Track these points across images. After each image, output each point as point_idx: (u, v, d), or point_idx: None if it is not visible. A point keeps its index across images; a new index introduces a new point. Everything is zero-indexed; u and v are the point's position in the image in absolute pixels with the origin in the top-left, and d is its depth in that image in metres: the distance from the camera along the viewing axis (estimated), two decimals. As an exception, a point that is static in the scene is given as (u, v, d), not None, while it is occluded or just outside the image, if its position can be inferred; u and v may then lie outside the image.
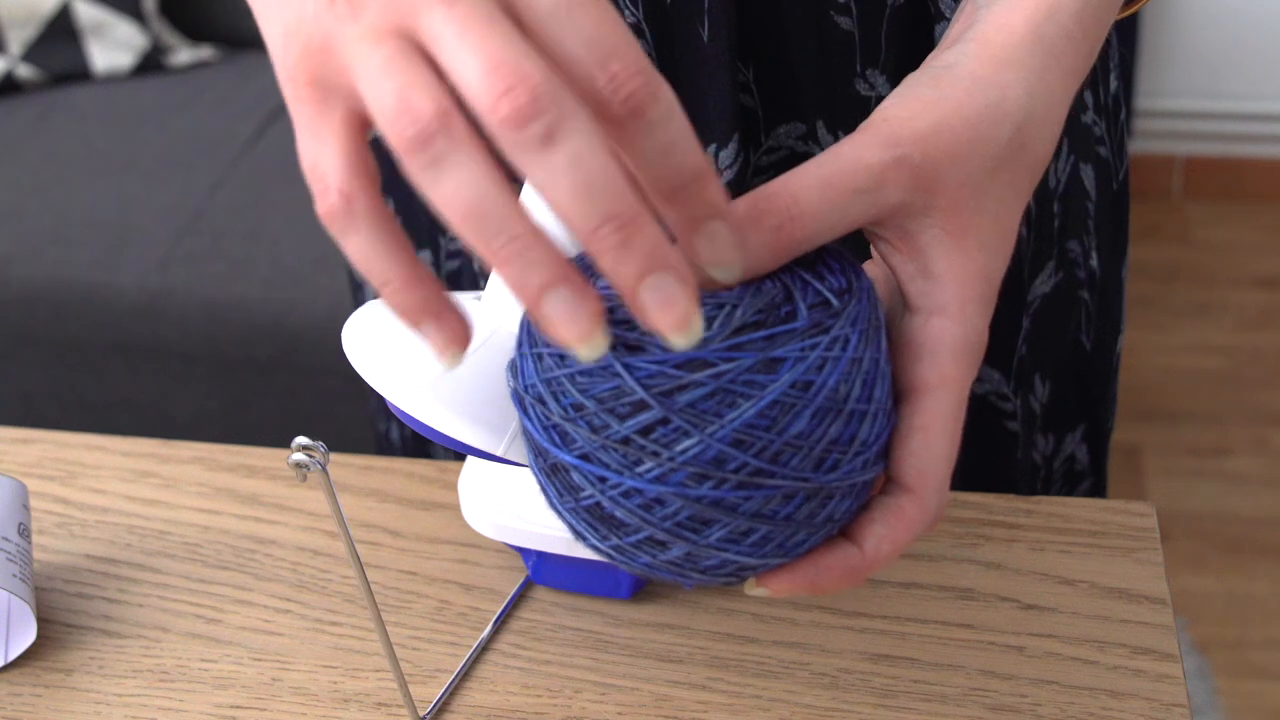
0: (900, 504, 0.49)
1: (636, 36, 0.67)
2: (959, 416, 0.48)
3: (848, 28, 0.68)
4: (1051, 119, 0.51)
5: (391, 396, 0.55)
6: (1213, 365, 2.23)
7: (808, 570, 0.49)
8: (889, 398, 0.48)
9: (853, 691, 0.63)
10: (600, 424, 0.46)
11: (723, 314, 0.46)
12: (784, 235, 0.47)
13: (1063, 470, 0.83)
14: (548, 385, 0.47)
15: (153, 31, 2.06)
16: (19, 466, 0.76)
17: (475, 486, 0.67)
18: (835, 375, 0.46)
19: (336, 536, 0.71)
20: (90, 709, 0.64)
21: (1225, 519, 1.96)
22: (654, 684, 0.64)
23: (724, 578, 0.49)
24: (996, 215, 0.50)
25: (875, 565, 0.49)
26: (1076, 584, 0.67)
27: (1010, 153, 0.50)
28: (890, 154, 0.48)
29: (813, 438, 0.46)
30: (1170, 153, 2.58)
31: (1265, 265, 2.44)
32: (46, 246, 1.74)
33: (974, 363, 0.49)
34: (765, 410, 0.45)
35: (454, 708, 0.63)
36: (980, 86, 0.50)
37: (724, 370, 0.45)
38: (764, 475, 0.46)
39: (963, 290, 0.49)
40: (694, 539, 0.47)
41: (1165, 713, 0.61)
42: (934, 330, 0.49)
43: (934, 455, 0.48)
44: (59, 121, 1.96)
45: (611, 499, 0.47)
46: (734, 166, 0.70)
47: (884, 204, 0.48)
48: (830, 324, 0.46)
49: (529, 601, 0.68)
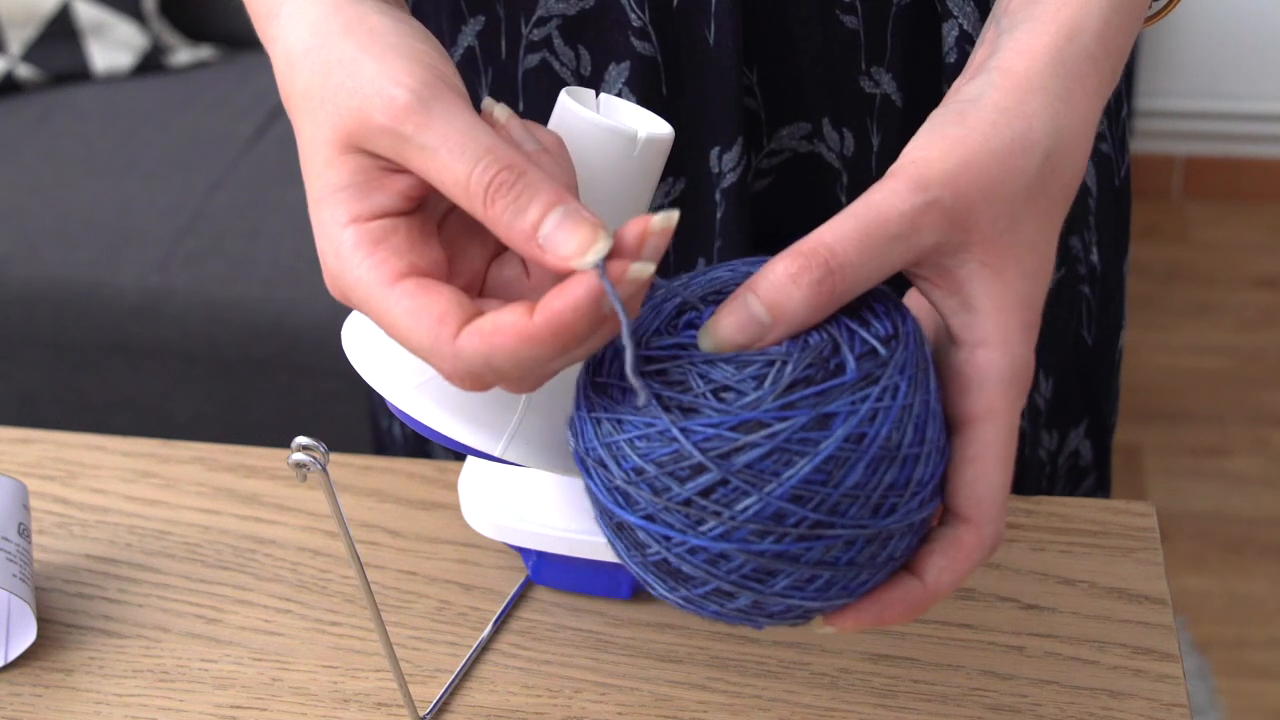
0: (959, 535, 0.49)
1: (642, 40, 0.67)
2: (1010, 444, 0.49)
3: (853, 26, 0.68)
4: (1079, 141, 0.51)
5: (391, 396, 0.55)
6: (1213, 365, 2.23)
7: (872, 607, 0.50)
8: (941, 434, 0.49)
9: (853, 691, 0.63)
10: (661, 487, 0.47)
11: (773, 371, 0.47)
12: (825, 289, 0.48)
13: (1067, 466, 0.83)
14: (608, 449, 0.48)
15: (153, 31, 2.06)
16: (19, 466, 0.76)
17: (475, 486, 0.67)
18: (888, 425, 0.47)
19: (336, 536, 0.71)
20: (90, 709, 0.64)
21: (1225, 519, 1.96)
22: (654, 684, 0.64)
23: (791, 620, 0.50)
24: (1034, 243, 0.50)
25: (937, 596, 0.50)
26: (1076, 584, 0.67)
27: (1041, 181, 0.50)
28: (922, 198, 0.48)
29: (869, 486, 0.47)
30: (1170, 153, 2.58)
31: (1265, 265, 2.43)
32: (46, 246, 1.74)
33: (1021, 391, 0.49)
34: (821, 466, 0.46)
35: (454, 708, 0.63)
36: (1006, 119, 0.50)
37: (778, 430, 0.46)
38: (824, 526, 0.47)
39: (1005, 320, 0.49)
40: (759, 589, 0.48)
41: (1165, 713, 0.61)
42: (980, 362, 0.49)
43: (987, 485, 0.49)
44: (59, 121, 1.96)
45: (678, 555, 0.48)
46: (737, 169, 0.70)
47: (920, 247, 0.49)
48: (879, 374, 0.47)
49: (529, 601, 0.68)
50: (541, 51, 0.70)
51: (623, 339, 0.47)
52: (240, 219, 1.75)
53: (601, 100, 0.57)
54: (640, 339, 0.50)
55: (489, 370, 0.46)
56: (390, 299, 0.47)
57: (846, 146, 0.72)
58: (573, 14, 0.68)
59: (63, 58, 2.04)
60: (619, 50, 0.68)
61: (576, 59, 0.69)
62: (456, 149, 0.47)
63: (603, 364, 0.51)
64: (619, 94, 0.69)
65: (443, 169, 0.47)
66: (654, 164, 0.55)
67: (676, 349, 0.49)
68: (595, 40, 0.69)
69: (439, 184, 0.47)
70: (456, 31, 0.71)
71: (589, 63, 0.69)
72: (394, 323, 0.47)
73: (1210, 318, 2.32)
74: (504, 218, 0.46)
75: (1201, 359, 2.24)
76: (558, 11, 0.68)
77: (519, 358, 0.46)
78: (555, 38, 0.69)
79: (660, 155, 0.55)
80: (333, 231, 0.48)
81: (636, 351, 0.47)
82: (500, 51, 0.71)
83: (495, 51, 0.71)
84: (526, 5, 0.69)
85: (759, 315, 0.48)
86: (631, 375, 0.47)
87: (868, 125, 0.71)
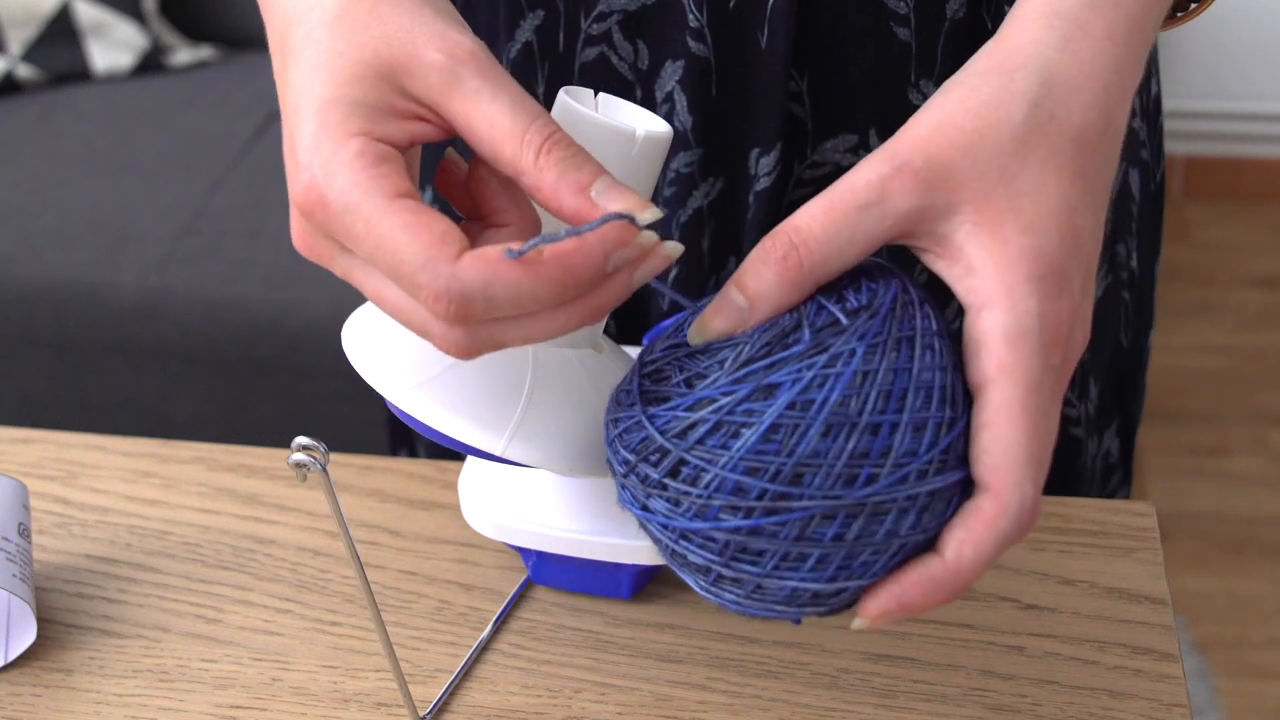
0: (978, 504, 0.48)
1: (698, 41, 0.68)
2: (1029, 403, 0.47)
3: (905, 38, 0.68)
4: (1085, 85, 0.50)
5: (391, 396, 0.55)
6: (1213, 365, 2.23)
7: (891, 589, 0.48)
8: (947, 406, 0.48)
9: (853, 691, 0.63)
10: (643, 474, 0.49)
11: (733, 354, 0.48)
12: (792, 264, 0.48)
13: (1100, 465, 0.83)
14: (611, 448, 0.51)
15: (153, 31, 2.06)
16: (19, 466, 0.76)
17: (475, 486, 0.67)
18: (838, 390, 0.46)
19: (336, 536, 0.71)
20: (90, 709, 0.64)
21: (1225, 519, 1.96)
22: (654, 684, 0.64)
23: (816, 604, 0.49)
24: (1036, 194, 0.49)
25: (961, 571, 0.47)
26: (1076, 584, 0.67)
27: (1033, 130, 0.49)
28: (889, 166, 0.48)
29: (830, 455, 0.46)
30: (1170, 153, 2.58)
31: (1265, 265, 2.43)
32: (46, 246, 1.74)
33: (1036, 345, 0.47)
34: (768, 434, 0.46)
35: (454, 708, 0.63)
36: (984, 78, 0.50)
37: (723, 404, 0.47)
38: (789, 498, 0.47)
39: (1006, 276, 0.48)
40: (753, 571, 0.48)
41: (1165, 713, 0.61)
42: (983, 324, 0.48)
43: (1004, 448, 0.47)
44: (59, 121, 1.96)
45: (678, 543, 0.49)
46: (773, 174, 0.70)
47: (896, 214, 0.48)
48: (831, 342, 0.47)
49: (529, 601, 0.68)
50: (600, 45, 0.70)
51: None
52: (240, 219, 1.75)
53: (600, 99, 0.57)
54: (651, 352, 0.51)
55: (483, 300, 0.45)
56: (388, 210, 0.46)
57: None
58: (634, 9, 0.68)
59: (63, 58, 2.04)
60: (675, 48, 0.68)
61: (635, 53, 0.69)
62: (517, 99, 0.47)
63: (625, 378, 0.52)
64: (670, 92, 0.69)
65: (499, 113, 0.47)
66: (653, 162, 0.55)
67: (671, 349, 0.50)
68: (654, 36, 0.69)
69: (483, 128, 0.47)
70: (515, 26, 0.71)
71: (646, 58, 0.69)
72: (384, 235, 0.45)
73: (1210, 318, 2.32)
74: (559, 168, 0.47)
75: (1201, 359, 2.24)
76: (619, 6, 0.68)
77: (518, 291, 0.45)
78: (615, 32, 0.69)
79: (659, 154, 0.56)
80: (335, 135, 0.47)
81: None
82: (559, 44, 0.71)
83: (553, 45, 0.71)
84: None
85: (738, 301, 0.49)
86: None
87: None
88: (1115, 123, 0.51)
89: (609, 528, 0.64)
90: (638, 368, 0.51)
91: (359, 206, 0.46)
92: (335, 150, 0.47)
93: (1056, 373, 0.48)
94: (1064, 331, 0.48)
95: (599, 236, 0.46)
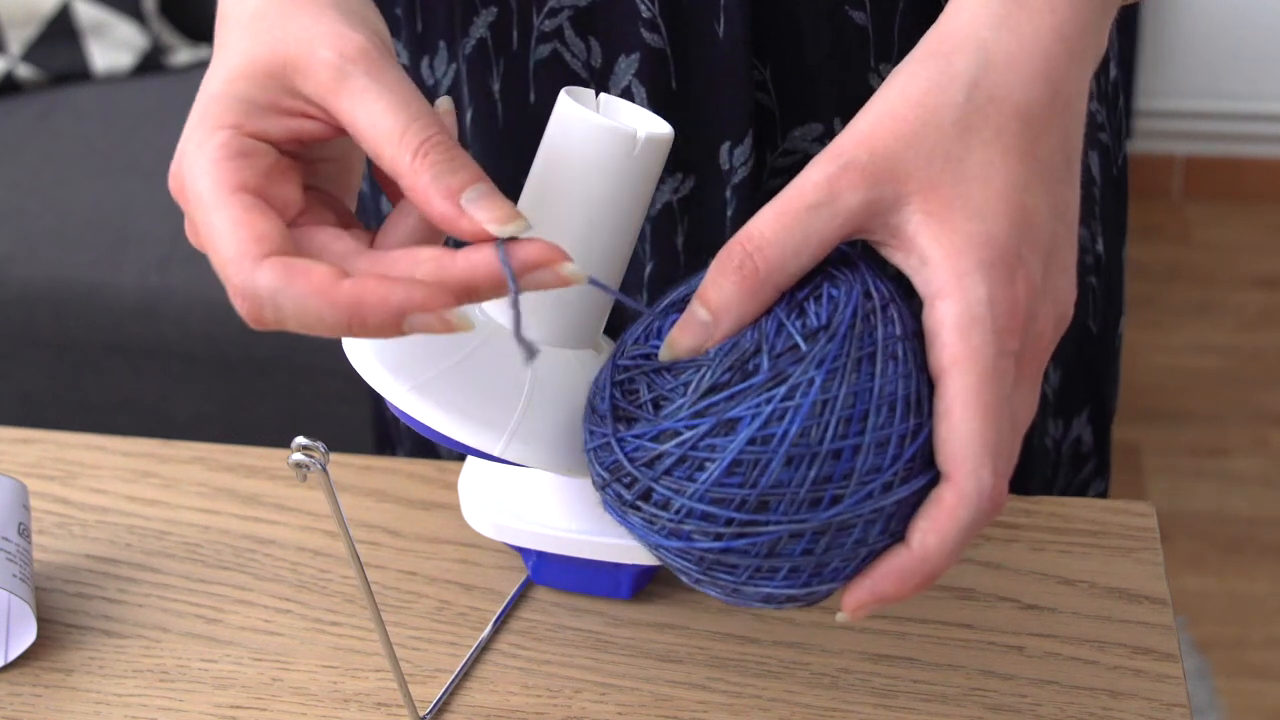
0: (939, 494, 0.48)
1: (652, 32, 0.67)
2: (983, 393, 0.47)
3: (861, 22, 0.68)
4: (1023, 61, 0.50)
5: (390, 396, 0.55)
6: (1213, 365, 2.22)
7: (865, 583, 0.49)
8: (911, 415, 0.48)
9: (853, 691, 0.63)
10: (616, 492, 0.50)
11: (696, 378, 0.48)
12: (749, 272, 0.48)
13: (1070, 453, 0.83)
14: (592, 456, 0.52)
15: (153, 31, 2.06)
16: (19, 466, 0.76)
17: (475, 486, 0.67)
18: (797, 422, 0.47)
19: (336, 536, 0.71)
20: (90, 709, 0.64)
21: (1225, 519, 1.96)
22: (654, 684, 0.64)
23: (791, 603, 0.51)
24: (984, 178, 0.48)
25: (928, 560, 0.48)
26: (1076, 584, 0.67)
27: (973, 111, 0.49)
28: (834, 165, 0.48)
29: (793, 484, 0.47)
30: (1170, 153, 2.58)
31: (1265, 265, 2.43)
32: (46, 246, 1.74)
33: (989, 334, 0.47)
34: (731, 469, 0.47)
35: (454, 708, 0.63)
36: (922, 64, 0.50)
37: (686, 438, 0.48)
38: (755, 525, 0.48)
39: (956, 264, 0.48)
40: (730, 580, 0.49)
41: (1165, 713, 0.61)
42: (936, 315, 0.48)
43: (961, 437, 0.47)
44: (59, 121, 1.96)
45: (657, 550, 0.51)
46: (748, 164, 0.70)
47: (847, 211, 0.48)
48: (790, 372, 0.47)
49: (529, 601, 0.68)
50: (553, 42, 0.70)
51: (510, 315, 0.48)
52: (240, 219, 1.75)
53: (601, 100, 0.57)
54: (623, 349, 0.52)
55: (272, 307, 0.47)
56: (223, 202, 0.48)
57: None
58: (584, 5, 0.68)
59: (63, 58, 2.04)
60: (629, 42, 0.68)
61: (588, 50, 0.69)
62: (401, 99, 0.48)
63: (600, 373, 0.53)
64: (628, 86, 0.69)
65: (381, 112, 0.48)
66: (654, 164, 0.55)
67: (641, 359, 0.51)
68: (606, 32, 0.69)
69: (366, 126, 0.48)
70: (469, 22, 0.71)
71: (599, 54, 0.69)
72: (213, 224, 0.48)
73: (1210, 318, 2.32)
74: (432, 171, 0.47)
75: (1201, 359, 2.24)
76: (569, 2, 0.68)
77: (304, 307, 0.47)
78: (567, 28, 0.69)
79: (660, 155, 0.55)
80: (207, 126, 0.49)
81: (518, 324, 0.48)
82: (512, 42, 0.71)
83: (507, 42, 0.71)
84: None
85: (701, 316, 0.49)
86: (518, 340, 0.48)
87: None
88: (1064, 93, 0.50)
89: (609, 528, 0.63)
90: (610, 371, 0.52)
91: (202, 194, 0.48)
92: (203, 140, 0.49)
93: (1016, 357, 0.48)
94: (1019, 317, 0.48)
95: (404, 290, 0.46)
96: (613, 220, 0.55)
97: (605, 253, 0.56)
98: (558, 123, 0.55)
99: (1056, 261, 0.50)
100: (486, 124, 0.73)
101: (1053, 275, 0.49)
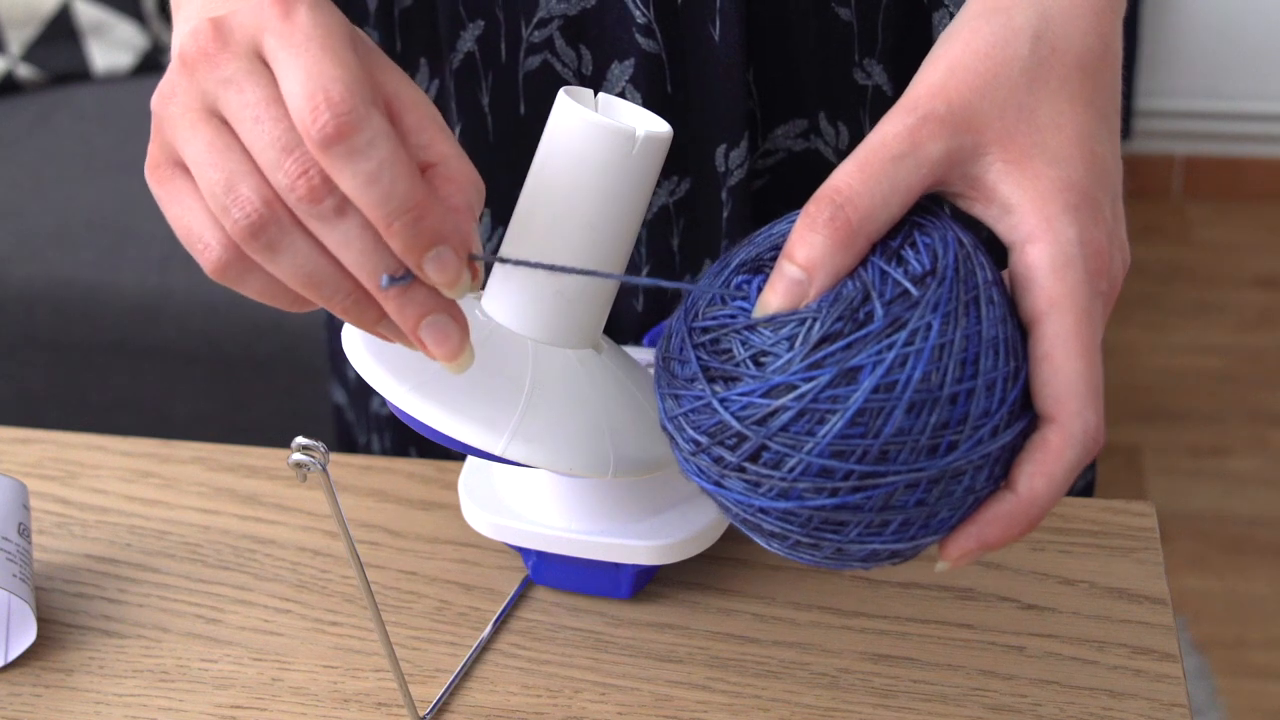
0: (1044, 436, 0.48)
1: (647, 37, 0.67)
2: (1083, 334, 0.48)
3: (847, 18, 0.69)
4: (1077, 14, 0.51)
5: (391, 396, 0.55)
6: (1213, 365, 2.23)
7: (971, 530, 0.49)
8: (1008, 359, 0.48)
9: (853, 691, 0.63)
10: (716, 456, 0.49)
11: (803, 331, 0.47)
12: (840, 224, 0.48)
13: None
14: (673, 424, 0.50)
15: (153, 31, 2.06)
16: (19, 466, 0.76)
17: (475, 486, 0.67)
18: (920, 367, 0.46)
19: (336, 536, 0.71)
20: (90, 709, 0.64)
21: (1225, 519, 1.96)
22: (654, 684, 0.64)
23: (893, 560, 0.50)
24: (1056, 126, 0.49)
25: (1036, 503, 0.48)
26: (1076, 584, 0.67)
27: (1039, 63, 0.50)
28: (912, 116, 0.49)
29: (914, 431, 0.47)
30: (1170, 153, 2.58)
31: (1265, 265, 2.43)
32: (46, 246, 1.74)
33: (1083, 274, 0.48)
34: (854, 420, 0.46)
35: (454, 708, 0.63)
36: (982, 20, 0.51)
37: (805, 391, 0.47)
38: (875, 476, 0.47)
39: (1043, 209, 0.48)
40: (836, 539, 0.48)
41: (1165, 713, 0.61)
42: (1029, 259, 0.48)
43: (1064, 379, 0.48)
44: (59, 121, 1.96)
45: (753, 516, 0.49)
46: (743, 167, 0.70)
47: (930, 160, 0.48)
48: (908, 317, 0.47)
49: (529, 601, 0.68)
50: (543, 53, 0.70)
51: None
52: (240, 219, 1.75)
53: (600, 100, 0.57)
54: (694, 312, 0.51)
55: (366, 146, 0.46)
56: (340, 42, 0.47)
57: (842, 140, 0.72)
58: (574, 14, 0.68)
59: (63, 58, 2.04)
60: (622, 48, 0.68)
61: (578, 59, 0.69)
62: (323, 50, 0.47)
63: (670, 339, 0.52)
64: (622, 92, 0.69)
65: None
66: (653, 163, 0.55)
67: (726, 318, 0.50)
68: (597, 39, 0.69)
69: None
70: (455, 37, 0.71)
71: (590, 63, 0.69)
72: (328, 52, 0.46)
73: (1210, 318, 2.32)
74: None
75: (1201, 359, 2.24)
76: (559, 12, 0.68)
77: (394, 172, 0.46)
78: (557, 38, 0.69)
79: (659, 154, 0.56)
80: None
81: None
82: (500, 54, 0.71)
83: (495, 55, 0.71)
84: (527, 7, 0.69)
85: (793, 274, 0.48)
86: None
87: (861, 118, 0.71)
88: (1113, 47, 0.52)
89: (609, 528, 0.64)
90: (685, 335, 0.50)
91: (311, 32, 0.46)
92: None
93: (1105, 299, 0.49)
94: (1105, 257, 0.49)
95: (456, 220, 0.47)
96: (612, 220, 0.55)
97: (605, 252, 0.56)
98: (556, 122, 0.55)
99: (1119, 208, 0.51)
100: (476, 138, 0.73)
101: (1119, 222, 0.51)
